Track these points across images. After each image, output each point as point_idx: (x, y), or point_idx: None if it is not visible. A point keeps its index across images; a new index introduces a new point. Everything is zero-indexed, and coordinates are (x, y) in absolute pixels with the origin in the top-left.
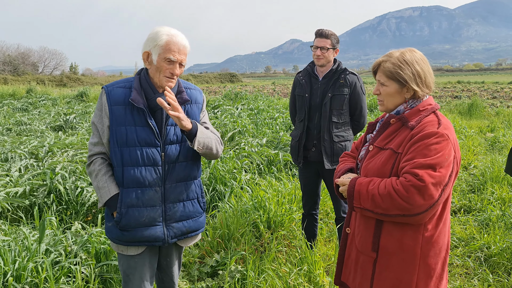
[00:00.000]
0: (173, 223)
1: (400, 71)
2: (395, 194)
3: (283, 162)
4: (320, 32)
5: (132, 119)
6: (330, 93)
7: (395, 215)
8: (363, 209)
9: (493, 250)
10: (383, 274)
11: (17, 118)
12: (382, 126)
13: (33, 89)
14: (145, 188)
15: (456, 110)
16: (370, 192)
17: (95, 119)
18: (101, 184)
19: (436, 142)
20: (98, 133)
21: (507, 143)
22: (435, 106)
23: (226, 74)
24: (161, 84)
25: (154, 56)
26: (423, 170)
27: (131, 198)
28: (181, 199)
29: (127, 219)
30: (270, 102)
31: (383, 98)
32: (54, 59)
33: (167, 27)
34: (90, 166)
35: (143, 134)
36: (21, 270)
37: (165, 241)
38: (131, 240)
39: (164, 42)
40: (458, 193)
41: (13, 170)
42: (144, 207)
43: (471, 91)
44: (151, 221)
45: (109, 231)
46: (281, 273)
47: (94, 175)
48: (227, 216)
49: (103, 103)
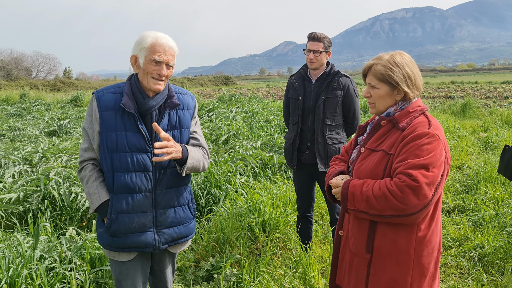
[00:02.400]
0: (164, 229)
1: (391, 73)
2: (390, 195)
3: (277, 165)
4: (313, 35)
5: (122, 124)
6: (323, 96)
7: (390, 216)
8: (357, 211)
9: (486, 250)
10: (377, 276)
11: (11, 124)
12: (373, 128)
13: (26, 94)
14: (136, 194)
15: (450, 110)
16: (364, 194)
17: (86, 124)
18: (92, 190)
19: (427, 143)
20: (88, 139)
21: (500, 143)
22: (424, 107)
23: (221, 77)
24: (149, 87)
25: (141, 59)
26: (417, 171)
27: (121, 204)
28: (172, 205)
29: (117, 225)
30: (264, 104)
31: (374, 100)
32: (47, 63)
33: (153, 31)
34: (81, 172)
35: (134, 139)
36: (15, 277)
37: (156, 247)
38: (121, 246)
39: (149, 44)
40: (452, 193)
41: (6, 176)
42: (134, 213)
43: (465, 91)
44: (142, 227)
45: (101, 237)
46: (276, 276)
47: (85, 181)
48: (222, 220)
49: (93, 108)
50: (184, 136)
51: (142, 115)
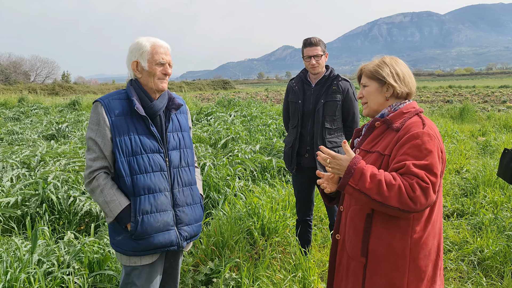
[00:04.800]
0: (183, 226)
1: (379, 69)
2: (404, 189)
3: (276, 169)
4: (310, 41)
5: (134, 128)
6: (323, 100)
7: (393, 207)
8: (358, 190)
9: (486, 254)
10: (373, 279)
11: (9, 128)
12: (367, 130)
13: (25, 98)
14: (157, 194)
15: (448, 115)
16: (377, 177)
17: (92, 133)
18: (109, 198)
19: (425, 142)
20: (97, 148)
21: (499, 147)
22: (418, 109)
23: (219, 81)
24: (156, 87)
25: (144, 63)
26: (422, 171)
27: (145, 205)
28: (189, 203)
29: (143, 227)
30: (263, 108)
31: (366, 99)
32: (46, 67)
33: (145, 37)
34: (92, 182)
35: (147, 141)
36: (13, 281)
37: (180, 245)
38: (148, 248)
39: (150, 48)
40: (450, 197)
41: (4, 180)
42: (158, 213)
43: (462, 95)
44: (165, 225)
45: (121, 245)
46: (275, 280)
47: (99, 191)
48: (221, 224)
49: (100, 116)
50: (186, 139)
51: (151, 118)
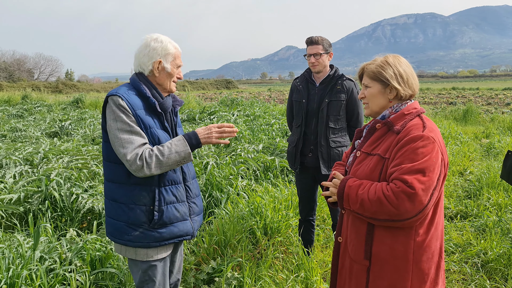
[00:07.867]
0: (195, 216)
1: (382, 70)
2: (385, 200)
3: (279, 168)
4: (310, 39)
5: (153, 122)
6: (327, 99)
7: (384, 220)
8: (352, 211)
9: (490, 256)
10: (377, 282)
11: (12, 125)
12: (368, 131)
13: (28, 96)
14: (178, 185)
15: (452, 116)
16: (359, 197)
17: (124, 125)
18: (172, 149)
19: (422, 146)
20: (129, 133)
21: (502, 149)
22: (420, 110)
23: (222, 81)
24: (170, 89)
25: (166, 64)
26: (412, 176)
27: (170, 196)
28: (197, 194)
29: (167, 216)
30: (266, 108)
31: (367, 100)
32: (49, 65)
33: (163, 36)
34: (147, 159)
35: (165, 136)
36: (15, 278)
37: (194, 234)
38: (169, 237)
39: (174, 51)
40: (454, 199)
41: (7, 176)
42: (179, 203)
43: (466, 97)
44: (183, 215)
45: (139, 239)
46: (278, 280)
47: (159, 153)
48: (223, 223)
49: (123, 108)
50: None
51: None
